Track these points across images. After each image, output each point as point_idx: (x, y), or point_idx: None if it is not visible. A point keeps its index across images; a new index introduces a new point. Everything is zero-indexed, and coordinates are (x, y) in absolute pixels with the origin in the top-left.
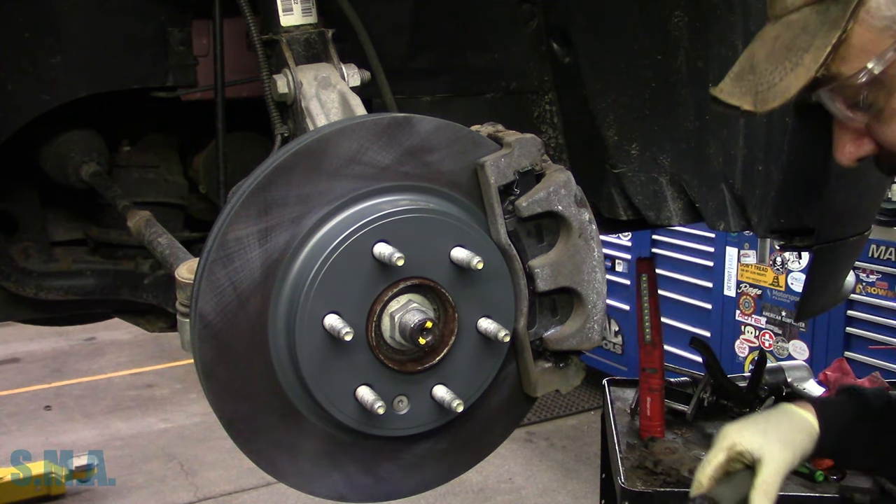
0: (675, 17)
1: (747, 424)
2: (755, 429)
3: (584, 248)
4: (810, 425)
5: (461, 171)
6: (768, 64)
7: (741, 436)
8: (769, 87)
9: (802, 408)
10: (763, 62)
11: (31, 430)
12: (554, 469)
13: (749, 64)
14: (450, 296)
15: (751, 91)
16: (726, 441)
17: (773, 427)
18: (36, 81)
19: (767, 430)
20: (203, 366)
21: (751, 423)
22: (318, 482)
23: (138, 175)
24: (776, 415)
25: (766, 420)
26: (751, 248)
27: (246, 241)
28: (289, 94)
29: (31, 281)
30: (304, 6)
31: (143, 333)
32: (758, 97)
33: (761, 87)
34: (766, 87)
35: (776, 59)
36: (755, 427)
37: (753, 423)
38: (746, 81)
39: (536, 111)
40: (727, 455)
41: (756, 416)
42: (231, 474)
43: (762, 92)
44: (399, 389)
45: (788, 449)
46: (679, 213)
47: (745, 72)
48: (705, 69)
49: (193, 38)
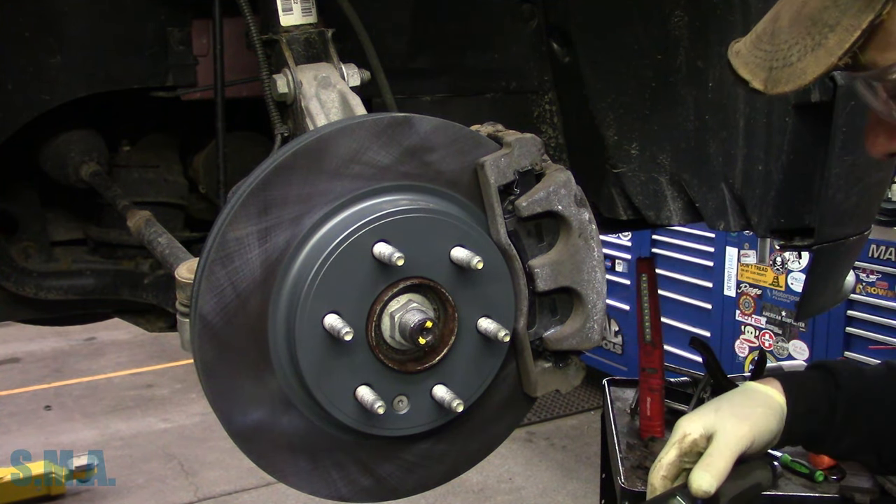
0: (675, 17)
1: (699, 410)
2: (706, 411)
3: (584, 248)
4: (773, 400)
5: (461, 170)
6: (789, 34)
7: (691, 423)
8: (784, 66)
9: (766, 384)
10: (785, 30)
11: (31, 430)
12: (554, 469)
13: (771, 28)
14: (450, 296)
15: (765, 65)
16: (677, 434)
17: (728, 404)
18: (36, 81)
19: (721, 408)
20: (203, 366)
21: (703, 407)
22: (318, 482)
23: (138, 175)
24: (732, 393)
25: (720, 400)
26: (751, 248)
27: (246, 241)
28: (289, 93)
29: (31, 281)
30: (304, 6)
31: (143, 333)
32: (770, 75)
33: (776, 62)
34: (781, 65)
35: (798, 31)
36: (706, 409)
37: (706, 406)
38: (763, 51)
39: (536, 111)
40: (679, 449)
41: (710, 401)
42: (231, 474)
43: (776, 69)
44: (399, 389)
45: (745, 422)
46: (679, 213)
47: (765, 37)
48: (705, 69)
49: (193, 38)
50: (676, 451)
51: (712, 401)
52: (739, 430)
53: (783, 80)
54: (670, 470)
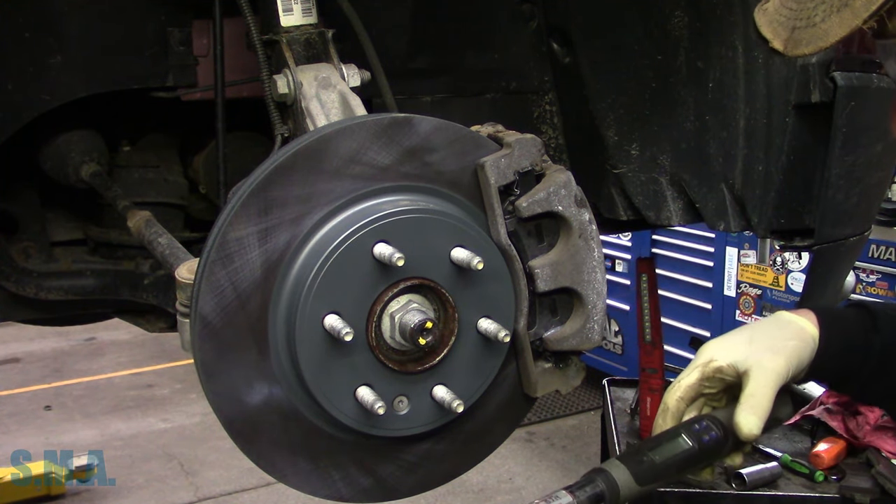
0: (675, 17)
1: (729, 337)
2: (738, 339)
3: (584, 249)
4: (807, 333)
5: (461, 171)
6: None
7: (720, 349)
8: (807, 26)
9: (800, 315)
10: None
11: (31, 430)
12: (554, 469)
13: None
14: (450, 296)
15: (788, 24)
16: (702, 357)
17: (761, 334)
18: (36, 81)
19: (754, 339)
20: (203, 366)
21: (733, 335)
22: (318, 482)
23: (138, 175)
24: (764, 322)
25: (752, 329)
26: (751, 248)
27: (246, 242)
28: (289, 94)
29: (31, 281)
30: (304, 6)
31: (143, 333)
32: (792, 35)
33: (800, 22)
34: (805, 25)
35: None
36: (738, 338)
37: (737, 333)
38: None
39: (536, 111)
40: (702, 373)
41: (740, 328)
42: (231, 474)
43: (799, 29)
44: (399, 389)
45: (781, 356)
46: (679, 213)
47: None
48: (705, 69)
49: (193, 38)
50: (699, 375)
51: (743, 329)
52: (777, 366)
53: (804, 42)
54: (688, 392)
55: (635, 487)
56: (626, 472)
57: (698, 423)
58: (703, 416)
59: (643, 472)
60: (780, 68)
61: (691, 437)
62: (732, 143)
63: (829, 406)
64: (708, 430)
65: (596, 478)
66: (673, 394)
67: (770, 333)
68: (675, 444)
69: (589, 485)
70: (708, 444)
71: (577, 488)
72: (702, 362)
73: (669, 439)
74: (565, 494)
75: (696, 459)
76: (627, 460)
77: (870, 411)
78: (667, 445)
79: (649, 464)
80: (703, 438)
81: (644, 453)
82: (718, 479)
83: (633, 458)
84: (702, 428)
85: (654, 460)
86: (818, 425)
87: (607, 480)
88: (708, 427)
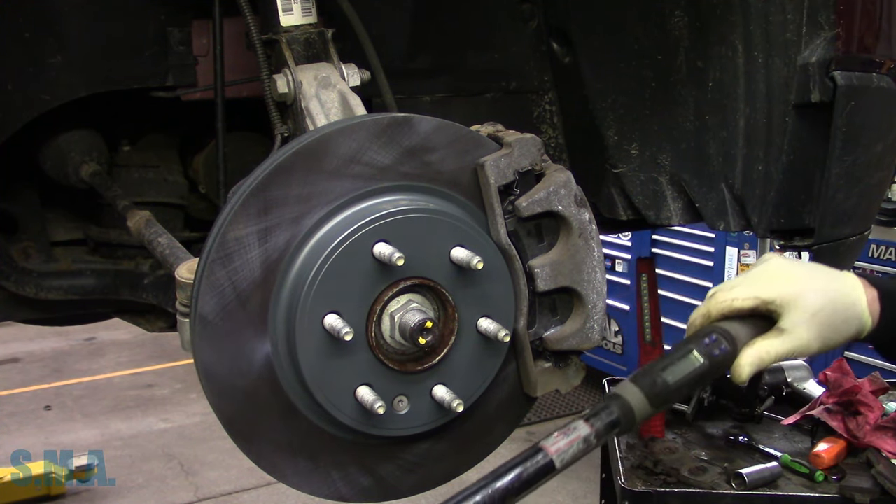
0: (675, 17)
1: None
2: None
3: (584, 248)
4: (864, 323)
5: (461, 170)
6: None
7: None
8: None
9: (866, 289)
10: None
11: (31, 430)
12: None
13: None
14: (450, 296)
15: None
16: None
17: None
18: (36, 81)
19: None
20: (203, 366)
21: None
22: (318, 482)
23: (138, 175)
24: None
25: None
26: (751, 248)
27: (246, 241)
28: (289, 93)
29: (31, 281)
30: (304, 6)
31: (143, 333)
32: None
33: None
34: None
35: None
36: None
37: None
38: None
39: (536, 111)
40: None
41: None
42: (231, 474)
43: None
44: (399, 389)
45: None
46: (679, 213)
47: None
48: (705, 69)
49: (193, 38)
50: (752, 305)
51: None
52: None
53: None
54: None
55: (650, 410)
56: (640, 395)
57: (708, 337)
58: (713, 327)
59: (657, 395)
60: (780, 68)
61: (702, 352)
62: (732, 142)
63: (829, 406)
64: (718, 343)
65: (611, 404)
66: (720, 307)
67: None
68: (688, 362)
69: (604, 411)
70: (717, 359)
71: (592, 416)
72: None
73: (681, 357)
74: (583, 425)
75: (707, 376)
76: (641, 382)
77: (870, 411)
78: (679, 364)
79: (663, 385)
80: (713, 353)
81: (657, 374)
82: (718, 479)
83: (647, 380)
84: (712, 342)
85: (667, 381)
86: (818, 425)
87: (622, 406)
88: (718, 341)
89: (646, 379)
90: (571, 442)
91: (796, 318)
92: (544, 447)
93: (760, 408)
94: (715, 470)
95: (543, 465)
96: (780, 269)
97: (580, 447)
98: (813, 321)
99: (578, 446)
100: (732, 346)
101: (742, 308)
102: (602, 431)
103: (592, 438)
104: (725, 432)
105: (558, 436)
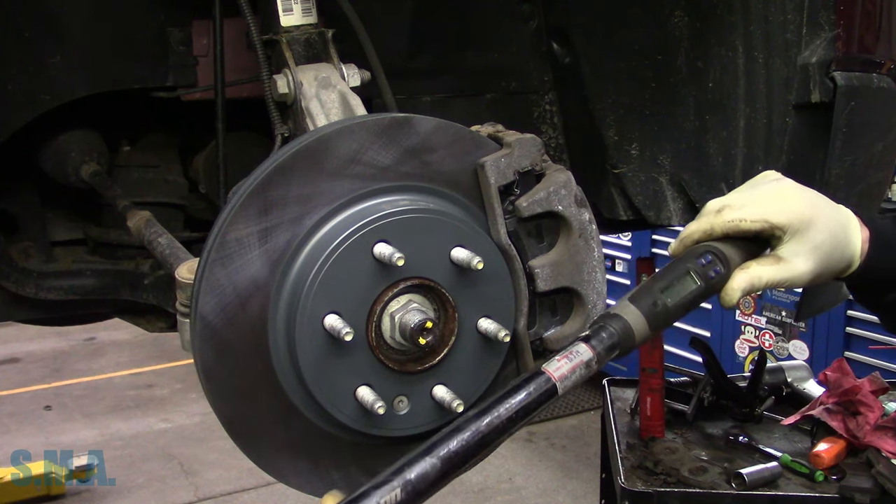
0: (675, 17)
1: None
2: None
3: (584, 248)
4: (853, 263)
5: (461, 171)
6: None
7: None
8: None
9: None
10: None
11: (31, 430)
12: (554, 469)
13: None
14: (450, 296)
15: None
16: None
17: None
18: (36, 81)
19: (822, 247)
20: (203, 366)
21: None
22: (318, 482)
23: (138, 175)
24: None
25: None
26: None
27: (246, 242)
28: (289, 94)
29: (31, 281)
30: (304, 6)
31: (143, 333)
32: None
33: None
34: None
35: None
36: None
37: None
38: None
39: (536, 111)
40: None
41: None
42: (231, 474)
43: None
44: (399, 389)
45: (815, 276)
46: (679, 213)
47: None
48: (705, 69)
49: (193, 38)
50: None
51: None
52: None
53: None
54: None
55: (648, 333)
56: (640, 317)
57: (703, 258)
58: (707, 247)
59: (656, 317)
60: (781, 68)
61: (698, 274)
62: (732, 143)
63: (830, 406)
64: (713, 265)
65: (611, 324)
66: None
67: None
68: (685, 283)
69: (605, 332)
70: (713, 281)
71: (593, 337)
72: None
73: (679, 278)
74: (584, 347)
75: (701, 298)
76: (641, 303)
77: (870, 411)
78: (677, 286)
79: (663, 308)
80: (709, 275)
81: (656, 295)
82: (718, 479)
83: (647, 301)
84: (707, 263)
85: (666, 304)
86: (818, 425)
87: (623, 327)
88: (713, 262)
89: (646, 300)
90: (574, 367)
91: (798, 248)
92: (547, 371)
93: (760, 408)
94: (715, 470)
95: (546, 390)
96: (790, 191)
97: (582, 372)
98: (814, 254)
99: (580, 371)
100: (727, 268)
101: (749, 230)
102: (603, 355)
103: (594, 363)
104: (725, 432)
105: (561, 359)
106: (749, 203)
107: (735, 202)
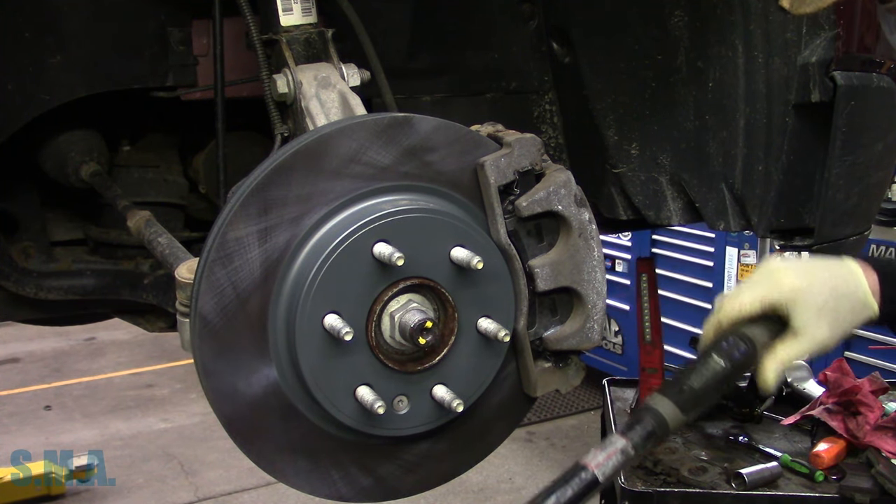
0: (675, 17)
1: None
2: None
3: (584, 248)
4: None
5: (461, 170)
6: None
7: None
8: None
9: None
10: None
11: (31, 430)
12: (554, 469)
13: None
14: (450, 296)
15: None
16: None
17: (835, 304)
18: (36, 81)
19: (826, 306)
20: (203, 366)
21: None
22: (318, 482)
23: (138, 175)
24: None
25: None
26: (751, 248)
27: (246, 241)
28: (289, 93)
29: (31, 281)
30: (304, 6)
31: (143, 333)
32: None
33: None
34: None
35: None
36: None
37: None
38: None
39: (536, 111)
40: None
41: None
42: (231, 474)
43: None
44: (399, 389)
45: (834, 334)
46: (679, 213)
47: None
48: (705, 69)
49: (193, 38)
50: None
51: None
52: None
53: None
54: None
55: (682, 418)
56: (670, 404)
57: (726, 342)
58: (728, 333)
59: (686, 401)
60: (781, 68)
61: (722, 356)
62: (732, 142)
63: (829, 406)
64: (736, 345)
65: (645, 416)
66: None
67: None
68: (709, 366)
69: (639, 424)
70: (739, 360)
71: (628, 429)
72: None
73: (702, 363)
74: (619, 438)
75: (730, 377)
76: (669, 392)
77: (870, 411)
78: (701, 370)
79: (690, 391)
80: (733, 355)
81: (683, 382)
82: (718, 479)
83: (674, 389)
84: (730, 345)
85: (693, 387)
86: (818, 425)
87: (655, 416)
88: (735, 343)
89: (672, 388)
90: (610, 455)
91: (805, 316)
92: (585, 463)
93: (760, 408)
94: (715, 470)
95: (587, 480)
96: (779, 270)
97: (619, 459)
98: (821, 315)
99: (617, 458)
100: (750, 346)
101: (751, 313)
102: (639, 442)
103: (630, 449)
104: (725, 432)
105: (596, 451)
106: (744, 290)
107: (732, 294)
